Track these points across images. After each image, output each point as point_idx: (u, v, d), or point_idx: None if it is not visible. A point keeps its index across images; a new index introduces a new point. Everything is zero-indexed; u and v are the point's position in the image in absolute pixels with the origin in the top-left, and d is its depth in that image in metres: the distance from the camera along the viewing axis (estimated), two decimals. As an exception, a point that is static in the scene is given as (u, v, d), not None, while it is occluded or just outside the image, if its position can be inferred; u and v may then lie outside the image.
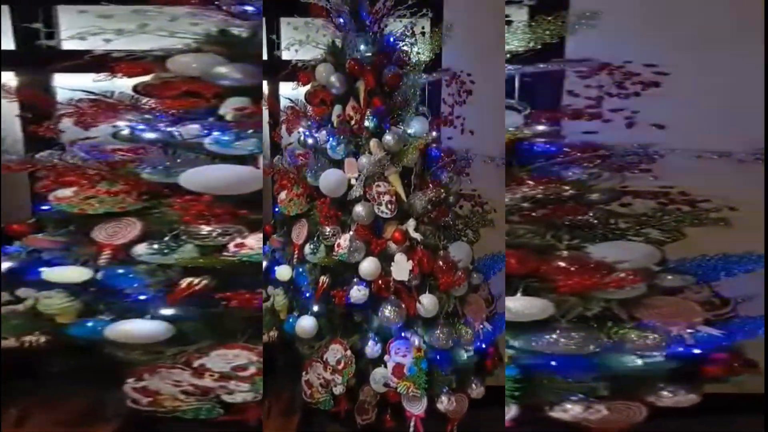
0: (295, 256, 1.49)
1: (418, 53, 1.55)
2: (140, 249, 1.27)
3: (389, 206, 1.41)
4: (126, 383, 1.23)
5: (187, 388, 1.24)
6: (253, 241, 1.28)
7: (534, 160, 1.32)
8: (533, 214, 1.31)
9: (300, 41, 1.60)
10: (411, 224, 1.43)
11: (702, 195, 1.35)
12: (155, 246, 1.27)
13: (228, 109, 1.31)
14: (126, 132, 1.34)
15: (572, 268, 1.27)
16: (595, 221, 1.37)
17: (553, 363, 1.24)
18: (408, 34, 1.56)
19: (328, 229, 1.43)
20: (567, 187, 1.33)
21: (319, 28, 1.58)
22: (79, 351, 1.27)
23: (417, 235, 1.42)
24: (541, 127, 1.40)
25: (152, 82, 1.33)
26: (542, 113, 1.34)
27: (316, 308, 1.46)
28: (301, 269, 1.50)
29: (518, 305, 1.23)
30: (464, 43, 1.92)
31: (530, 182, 1.32)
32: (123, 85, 1.34)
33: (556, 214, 1.32)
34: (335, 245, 1.41)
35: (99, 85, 1.32)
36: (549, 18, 1.36)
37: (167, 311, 1.25)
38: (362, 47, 1.49)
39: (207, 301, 1.24)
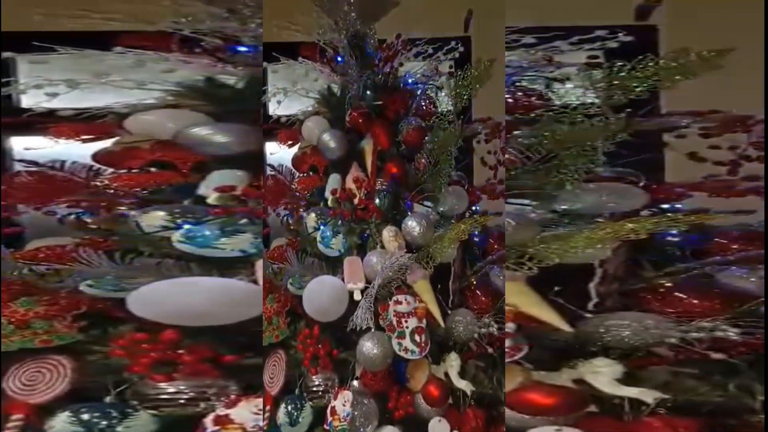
0: (267, 414, 0.91)
1: (451, 98, 1.08)
2: (60, 421, 0.73)
3: (418, 338, 0.86)
4: None
5: None
6: (246, 413, 0.75)
7: (673, 259, 0.79)
8: (696, 347, 0.75)
9: (284, 89, 1.15)
10: (454, 365, 0.87)
11: None
12: (83, 416, 0.73)
13: (210, 188, 0.84)
14: (72, 218, 0.88)
15: None
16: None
17: None
18: (432, 72, 1.10)
19: (316, 380, 0.87)
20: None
21: (309, 71, 1.13)
22: None
23: (464, 385, 0.85)
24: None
25: (113, 149, 0.90)
26: (669, 186, 0.83)
27: None
28: (273, 438, 0.91)
29: None
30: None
31: (680, 295, 0.78)
32: (81, 153, 0.91)
33: (737, 350, 0.75)
34: (328, 411, 0.83)
35: (48, 152, 0.90)
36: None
37: None
38: (369, 93, 1.02)
39: None
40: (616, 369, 0.70)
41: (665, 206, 0.82)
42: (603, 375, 0.70)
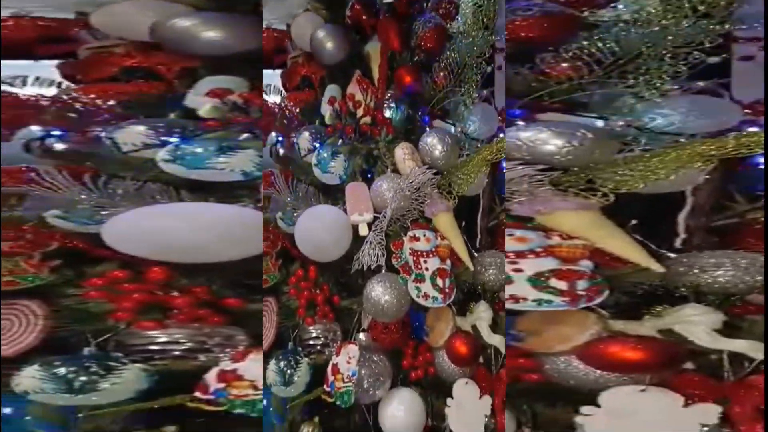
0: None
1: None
2: (28, 376, 0.59)
3: (440, 282, 0.68)
4: None
5: None
6: (257, 367, 0.62)
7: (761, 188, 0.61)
8: None
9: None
10: (484, 316, 0.70)
11: None
12: (60, 369, 0.59)
13: (201, 96, 0.68)
14: (38, 143, 0.70)
15: None
16: None
17: None
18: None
19: (313, 331, 0.70)
20: None
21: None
22: None
23: (498, 340, 0.69)
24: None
25: (80, 57, 0.73)
26: (755, 103, 0.63)
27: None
28: (264, 401, 0.76)
29: None
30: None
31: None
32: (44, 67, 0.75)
33: None
34: (329, 368, 0.67)
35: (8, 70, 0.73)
36: None
37: None
38: (376, -19, 0.80)
39: None
40: (715, 318, 0.53)
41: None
42: (698, 325, 0.53)
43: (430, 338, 0.72)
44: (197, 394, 0.60)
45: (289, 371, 0.69)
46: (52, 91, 0.74)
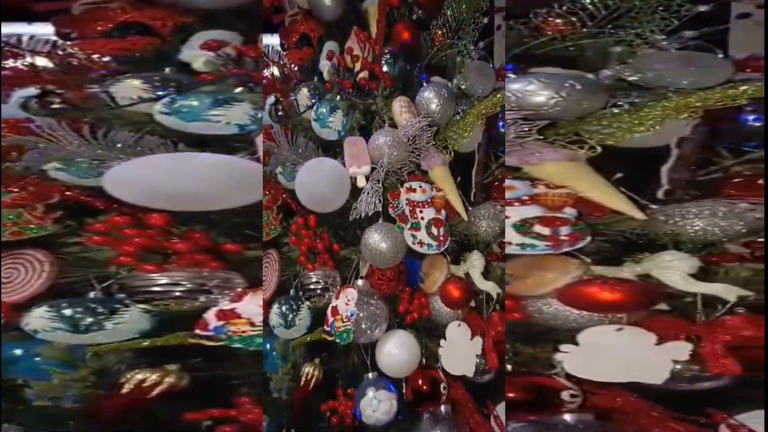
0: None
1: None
2: (36, 317, 0.61)
3: (435, 230, 0.71)
4: None
5: None
6: (254, 306, 0.64)
7: (751, 144, 0.62)
8: None
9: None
10: (477, 264, 0.73)
11: None
12: (65, 312, 0.62)
13: (196, 50, 0.68)
14: (37, 100, 0.70)
15: None
16: None
17: None
18: None
19: (313, 276, 0.73)
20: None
21: None
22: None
23: (489, 286, 0.72)
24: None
25: (74, 13, 0.72)
26: (751, 60, 0.63)
27: (294, 429, 0.76)
28: (268, 346, 0.80)
29: None
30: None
31: (763, 183, 0.62)
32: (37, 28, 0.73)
33: None
34: (329, 310, 0.71)
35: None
36: None
37: None
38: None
39: (178, 418, 0.65)
40: (691, 263, 0.56)
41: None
42: (674, 270, 0.56)
43: (425, 284, 0.76)
44: (197, 330, 0.63)
45: (291, 315, 0.73)
46: (47, 49, 0.71)
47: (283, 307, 0.73)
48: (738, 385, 0.55)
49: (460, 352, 0.71)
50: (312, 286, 0.72)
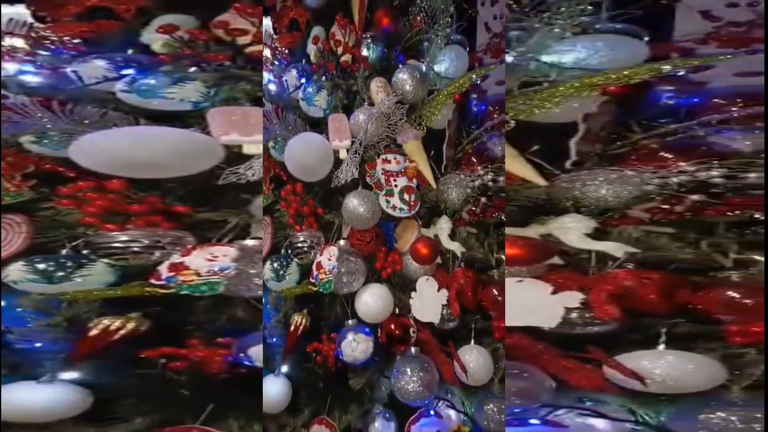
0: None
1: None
2: (15, 270, 0.70)
3: (407, 197, 0.82)
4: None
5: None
6: (202, 261, 0.71)
7: (663, 120, 0.71)
8: (674, 208, 0.70)
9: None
10: (444, 227, 0.84)
11: None
12: (39, 266, 0.70)
13: (154, 34, 0.74)
14: (16, 78, 0.76)
15: (748, 301, 0.68)
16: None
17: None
18: None
19: (301, 236, 0.84)
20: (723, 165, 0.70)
21: None
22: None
23: (455, 246, 0.83)
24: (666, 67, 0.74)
25: None
26: (669, 43, 0.70)
27: (286, 367, 0.88)
28: (263, 298, 0.92)
29: (660, 364, 0.65)
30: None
31: (666, 155, 0.70)
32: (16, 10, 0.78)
33: (714, 209, 0.70)
34: (314, 265, 0.82)
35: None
36: None
37: (76, 371, 0.74)
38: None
39: (138, 357, 0.73)
40: (587, 224, 0.65)
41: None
42: (572, 230, 0.65)
43: (398, 244, 0.87)
44: (152, 280, 0.70)
45: (281, 270, 0.84)
46: (24, 32, 0.77)
47: (275, 264, 0.84)
48: (621, 330, 0.65)
49: (428, 302, 0.82)
50: (299, 245, 0.83)
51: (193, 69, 0.73)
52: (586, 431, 0.71)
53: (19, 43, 0.77)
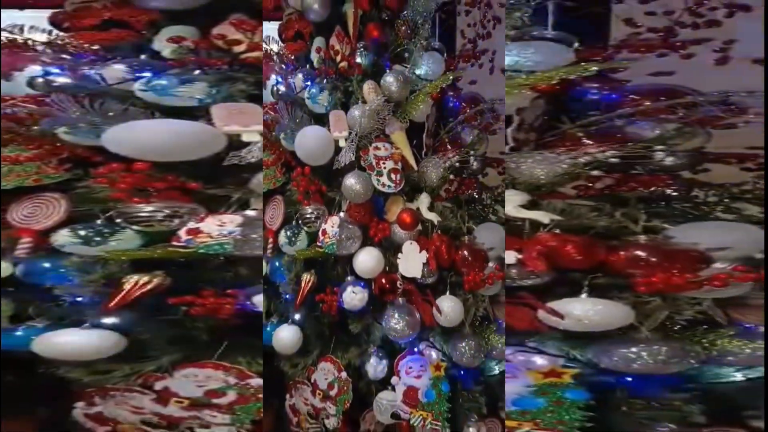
0: (269, 245, 1.11)
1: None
2: (61, 236, 0.87)
3: (393, 176, 1.02)
4: (75, 407, 0.91)
5: (150, 418, 0.90)
6: (213, 226, 0.88)
7: (589, 113, 0.90)
8: (595, 185, 0.90)
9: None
10: (424, 201, 1.04)
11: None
12: (80, 232, 0.86)
13: (163, 42, 0.91)
14: (41, 79, 0.92)
15: (654, 259, 0.88)
16: (674, 193, 0.96)
17: (633, 383, 0.88)
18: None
19: (309, 209, 1.04)
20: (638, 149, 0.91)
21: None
22: (10, 366, 0.91)
23: (432, 216, 1.03)
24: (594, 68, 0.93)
25: (67, 10, 0.94)
26: (597, 49, 0.90)
27: (298, 316, 1.09)
28: (277, 263, 1.12)
29: (584, 310, 0.85)
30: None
31: (588, 142, 0.91)
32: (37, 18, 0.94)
33: (627, 186, 0.91)
34: (320, 232, 1.02)
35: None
36: None
37: (112, 319, 0.89)
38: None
39: (163, 306, 0.88)
40: (521, 197, 0.84)
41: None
42: (509, 202, 0.85)
43: (387, 216, 1.07)
44: (174, 242, 0.84)
45: (293, 237, 1.04)
46: (44, 38, 0.91)
47: (288, 232, 1.04)
48: (552, 283, 0.83)
49: (412, 261, 1.02)
50: (308, 216, 1.03)
51: (197, 72, 0.88)
52: (528, 365, 0.87)
53: (40, 47, 0.92)
